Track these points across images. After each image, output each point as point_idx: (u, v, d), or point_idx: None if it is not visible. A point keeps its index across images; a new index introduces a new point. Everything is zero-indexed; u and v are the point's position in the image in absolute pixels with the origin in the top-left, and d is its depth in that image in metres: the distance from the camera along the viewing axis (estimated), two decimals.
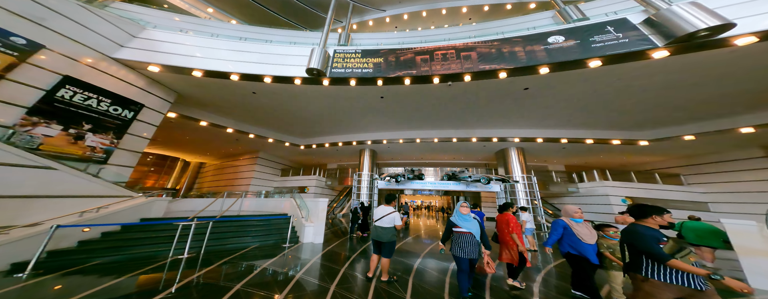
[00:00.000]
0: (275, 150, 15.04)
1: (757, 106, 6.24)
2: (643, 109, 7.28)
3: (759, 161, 8.46)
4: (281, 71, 6.87)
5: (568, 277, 3.59)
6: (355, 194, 12.76)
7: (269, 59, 7.00)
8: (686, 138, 8.13)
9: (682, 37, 4.12)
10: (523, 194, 11.23)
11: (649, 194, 10.50)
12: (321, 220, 6.38)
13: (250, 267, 3.95)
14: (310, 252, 5.09)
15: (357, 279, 3.51)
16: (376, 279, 3.43)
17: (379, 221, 3.39)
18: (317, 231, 6.20)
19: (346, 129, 12.21)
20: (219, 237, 5.35)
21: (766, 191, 8.23)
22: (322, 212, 6.51)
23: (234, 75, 6.88)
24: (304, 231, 6.15)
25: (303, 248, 5.41)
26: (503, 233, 3.43)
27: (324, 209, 6.65)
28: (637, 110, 7.38)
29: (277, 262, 4.26)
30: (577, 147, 10.88)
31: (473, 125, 10.65)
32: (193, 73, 6.79)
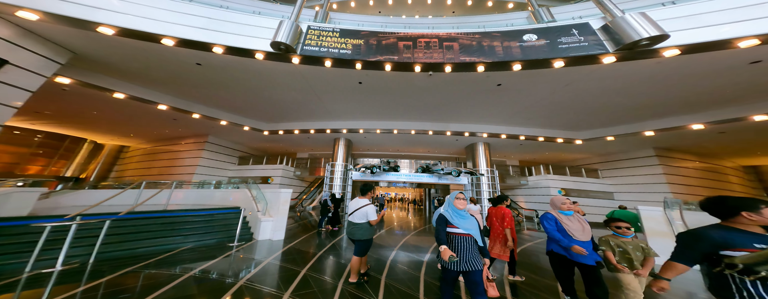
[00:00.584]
0: (231, 135, 12.93)
1: (662, 114, 8.16)
2: (581, 112, 8.73)
3: (651, 159, 11.23)
4: (238, 42, 5.79)
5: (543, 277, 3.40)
6: (327, 185, 11.98)
7: (222, 27, 5.82)
8: (608, 139, 10.14)
9: (628, 44, 4.94)
10: (487, 186, 12.38)
11: (576, 186, 12.84)
12: (282, 214, 5.71)
13: (170, 275, 3.13)
14: (266, 250, 4.43)
15: (320, 282, 3.04)
16: (343, 280, 3.06)
17: (352, 216, 2.99)
18: (277, 227, 5.51)
19: (320, 115, 11.28)
20: (127, 239, 4.18)
21: (654, 183, 11.01)
22: (284, 205, 5.83)
23: (167, 39, 5.48)
24: (259, 226, 5.39)
25: (257, 246, 4.70)
26: (496, 228, 3.28)
27: (287, 201, 5.97)
28: (577, 112, 8.82)
29: (216, 266, 3.51)
30: (531, 144, 12.49)
31: (449, 118, 11.11)
32: (100, 29, 5.13)
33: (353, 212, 3.01)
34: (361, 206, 3.01)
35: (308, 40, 6.40)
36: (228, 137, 13.32)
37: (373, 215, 2.97)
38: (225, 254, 4.12)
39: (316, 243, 5.21)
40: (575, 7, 8.72)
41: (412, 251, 4.74)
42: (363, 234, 2.92)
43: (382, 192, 21.15)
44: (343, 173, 12.35)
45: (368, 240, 2.97)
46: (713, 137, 8.93)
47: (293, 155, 16.79)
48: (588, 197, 12.63)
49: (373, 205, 3.07)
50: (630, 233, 2.19)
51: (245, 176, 13.22)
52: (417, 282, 3.14)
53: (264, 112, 10.84)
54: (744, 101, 6.71)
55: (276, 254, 4.24)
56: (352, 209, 3.03)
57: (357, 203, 3.05)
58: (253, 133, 12.31)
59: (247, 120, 11.63)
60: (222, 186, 8.68)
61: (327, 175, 12.13)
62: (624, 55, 5.28)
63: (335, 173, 12.22)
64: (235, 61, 6.54)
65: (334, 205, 7.35)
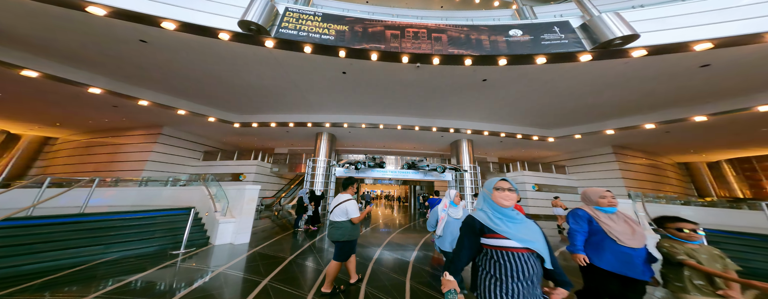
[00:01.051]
0: (192, 126, 11.34)
1: (622, 113, 9.05)
2: (556, 110, 9.33)
3: (609, 156, 12.53)
4: (197, 18, 4.96)
5: None
6: (307, 182, 11.14)
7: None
8: (576, 137, 11.03)
9: (603, 43, 5.25)
10: (470, 182, 12.68)
11: (548, 181, 13.84)
12: (247, 213, 5.04)
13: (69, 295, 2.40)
14: (223, 257, 3.80)
15: (284, 294, 2.54)
16: (314, 291, 2.63)
17: (332, 214, 2.64)
18: (241, 228, 4.84)
19: (300, 107, 10.42)
20: (11, 253, 3.13)
21: (612, 178, 12.30)
22: (249, 204, 5.16)
23: (96, 7, 4.46)
24: (218, 229, 4.69)
25: (212, 253, 4.02)
26: None
27: (253, 198, 5.31)
28: (553, 111, 9.41)
29: (141, 281, 2.82)
30: (510, 141, 13.09)
31: (435, 114, 11.09)
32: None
33: (333, 209, 2.62)
34: (340, 202, 2.62)
35: (285, 23, 5.82)
36: (190, 129, 11.65)
37: (354, 211, 2.54)
38: (162, 264, 3.38)
39: (289, 245, 4.61)
40: (556, 7, 9.22)
41: (397, 250, 4.45)
42: (343, 234, 2.50)
43: (367, 189, 20.66)
44: (326, 170, 11.61)
45: (350, 242, 2.56)
46: (660, 136, 10.22)
47: (270, 151, 15.44)
48: (558, 192, 13.65)
49: (354, 201, 2.67)
50: (699, 237, 1.53)
51: (212, 172, 11.70)
52: (402, 289, 2.78)
53: (234, 102, 9.63)
54: (691, 103, 7.70)
55: (235, 261, 3.63)
56: (333, 205, 2.68)
57: (337, 199, 2.69)
58: (222, 125, 10.93)
59: (213, 111, 10.26)
60: (179, 184, 7.41)
61: (308, 171, 11.30)
62: (599, 54, 5.60)
63: (317, 169, 11.43)
64: (193, 42, 5.57)
65: (315, 203, 6.75)
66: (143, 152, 10.73)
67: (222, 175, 11.53)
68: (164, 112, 9.33)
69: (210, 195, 5.31)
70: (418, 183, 19.07)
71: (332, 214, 2.62)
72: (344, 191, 2.77)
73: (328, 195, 11.31)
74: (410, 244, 4.98)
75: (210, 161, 12.32)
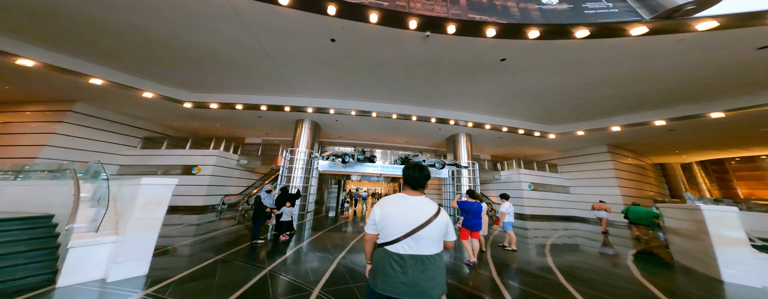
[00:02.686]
0: (124, 105, 8.70)
1: (635, 108, 8.52)
2: (565, 103, 8.56)
3: (603, 155, 12.37)
4: None
5: None
6: (283, 177, 9.18)
7: None
8: (578, 133, 10.53)
9: (670, 9, 4.27)
10: (467, 180, 11.69)
11: (543, 180, 13.44)
12: (144, 226, 3.03)
13: None
14: None
15: None
16: None
17: (415, 240, 1.21)
18: (131, 252, 2.88)
19: (276, 87, 8.43)
20: None
21: (605, 177, 12.16)
22: (147, 210, 3.12)
23: None
24: (79, 254, 2.65)
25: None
26: None
27: (159, 201, 3.26)
28: (562, 103, 8.64)
29: None
30: (509, 137, 12.34)
31: (435, 103, 9.79)
32: None
33: (417, 229, 1.21)
34: (431, 217, 1.24)
35: None
36: (120, 108, 8.91)
37: (452, 233, 1.31)
38: None
39: (235, 278, 2.81)
40: None
41: None
42: (442, 282, 1.21)
43: (353, 187, 18.88)
44: (307, 163, 9.73)
45: None
46: (660, 134, 10.04)
47: (240, 141, 12.99)
48: (551, 192, 13.31)
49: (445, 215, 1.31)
50: None
51: (153, 164, 9.12)
52: None
53: (181, 73, 7.33)
54: (713, 97, 7.20)
55: None
56: (407, 219, 1.24)
57: (411, 206, 1.28)
58: (168, 105, 8.45)
59: (150, 83, 7.77)
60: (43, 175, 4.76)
61: (284, 164, 9.32)
62: (655, 27, 4.62)
63: (296, 161, 9.51)
64: None
65: (288, 201, 5.00)
66: (40, 135, 7.80)
67: (167, 167, 9.05)
68: (68, 81, 6.68)
69: (75, 194, 2.95)
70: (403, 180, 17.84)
71: (418, 238, 1.20)
72: (414, 191, 1.36)
73: (309, 194, 9.47)
74: None
75: (153, 149, 9.67)
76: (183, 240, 4.54)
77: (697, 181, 15.22)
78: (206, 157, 9.52)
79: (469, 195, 4.22)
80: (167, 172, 8.93)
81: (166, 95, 7.92)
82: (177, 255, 3.68)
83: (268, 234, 5.18)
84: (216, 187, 9.72)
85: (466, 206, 3.98)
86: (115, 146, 9.07)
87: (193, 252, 3.79)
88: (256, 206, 4.47)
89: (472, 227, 3.89)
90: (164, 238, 4.55)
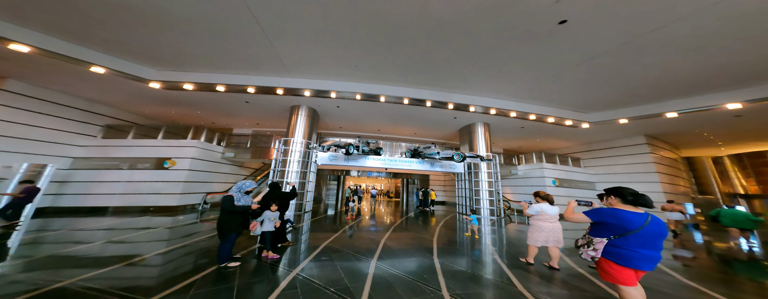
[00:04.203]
0: (76, 84, 7.00)
1: (700, 89, 7.06)
2: (619, 82, 7.09)
3: (640, 147, 11.01)
4: None
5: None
6: (275, 171, 7.72)
7: None
8: (620, 122, 9.10)
9: None
10: (486, 175, 10.32)
11: (568, 175, 12.12)
12: None
13: None
14: None
15: None
16: None
17: None
18: None
19: (266, 63, 6.89)
20: None
21: (643, 172, 10.83)
22: None
23: None
24: None
25: None
26: None
27: None
28: (611, 84, 7.19)
29: None
30: (533, 127, 10.92)
31: (456, 85, 8.28)
32: None
33: None
34: None
35: None
36: (72, 88, 7.22)
37: None
38: None
39: None
40: None
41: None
42: None
43: (352, 183, 17.48)
44: (303, 155, 8.25)
45: None
46: (720, 121, 8.56)
47: (227, 131, 11.41)
48: (575, 188, 12.03)
49: None
50: None
51: (116, 157, 7.55)
52: None
53: (142, 43, 5.65)
54: None
55: None
56: None
57: None
58: (132, 86, 6.81)
59: (102, 55, 6.07)
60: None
61: (277, 156, 7.83)
62: None
63: (291, 153, 8.01)
64: None
65: (280, 206, 3.55)
66: None
67: (134, 160, 7.51)
68: None
69: None
70: (409, 176, 16.50)
71: None
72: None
73: (306, 191, 8.03)
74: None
75: (115, 138, 8.05)
76: (123, 254, 3.09)
77: (729, 175, 14.04)
78: (183, 148, 7.96)
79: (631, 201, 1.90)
80: (133, 166, 7.39)
81: (125, 71, 6.26)
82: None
83: (256, 248, 3.74)
84: (196, 184, 8.23)
85: (624, 221, 1.84)
86: (68, 135, 7.44)
87: (103, 287, 2.33)
88: (223, 214, 2.96)
89: (641, 262, 1.78)
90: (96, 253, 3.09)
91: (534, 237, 3.40)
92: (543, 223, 3.34)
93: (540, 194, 3.55)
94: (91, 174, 7.10)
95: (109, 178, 7.09)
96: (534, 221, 3.48)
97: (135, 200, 6.91)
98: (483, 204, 9.88)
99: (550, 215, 3.35)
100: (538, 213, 3.41)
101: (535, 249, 3.45)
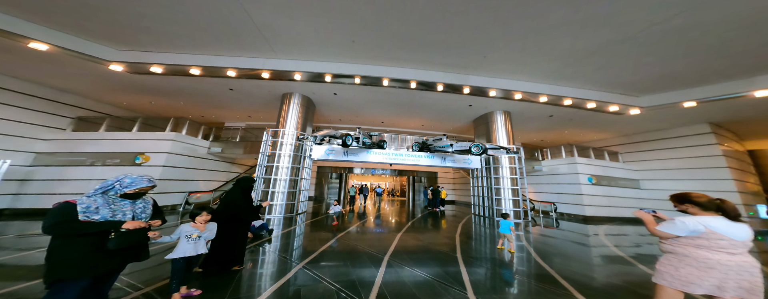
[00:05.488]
0: (31, 68, 6.08)
1: None
2: (695, 53, 5.36)
3: (703, 137, 9.01)
4: None
5: None
6: (262, 167, 6.64)
7: None
8: (686, 105, 7.27)
9: None
10: (509, 171, 8.79)
11: (606, 172, 10.32)
12: None
13: None
14: None
15: None
16: None
17: None
18: None
19: (243, 39, 5.71)
20: None
21: (707, 167, 8.86)
22: None
23: None
24: None
25: None
26: None
27: None
28: (685, 55, 5.48)
29: None
30: (563, 115, 9.24)
31: (473, 65, 6.87)
32: None
33: None
34: None
35: None
36: (33, 74, 6.36)
37: None
38: None
39: None
40: None
41: None
42: None
43: (356, 181, 16.34)
44: (296, 148, 7.12)
45: None
46: None
47: (218, 125, 10.52)
48: (616, 186, 10.22)
49: None
50: None
51: (84, 152, 6.71)
52: None
53: (96, 14, 4.55)
54: None
55: None
56: None
57: None
58: (92, 68, 5.85)
59: (42, 29, 5.03)
60: None
61: (263, 149, 6.74)
62: None
63: (282, 146, 6.92)
64: None
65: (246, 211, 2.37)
66: None
67: (103, 156, 6.65)
68: None
69: None
70: (416, 173, 15.08)
71: None
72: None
73: (299, 189, 6.90)
74: None
75: (88, 131, 7.22)
76: None
77: None
78: (158, 142, 7.03)
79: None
80: (103, 163, 6.53)
81: (76, 49, 5.25)
82: None
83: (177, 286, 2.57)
84: (175, 182, 7.32)
85: None
86: (31, 127, 6.68)
87: None
88: (50, 229, 1.33)
89: None
90: None
91: (685, 277, 1.50)
92: (714, 254, 1.42)
93: (696, 198, 1.67)
94: (55, 171, 6.32)
95: (75, 175, 6.28)
96: (684, 249, 1.51)
97: None
98: (505, 205, 8.40)
99: (733, 241, 1.51)
100: (700, 235, 1.49)
101: (677, 295, 1.54)
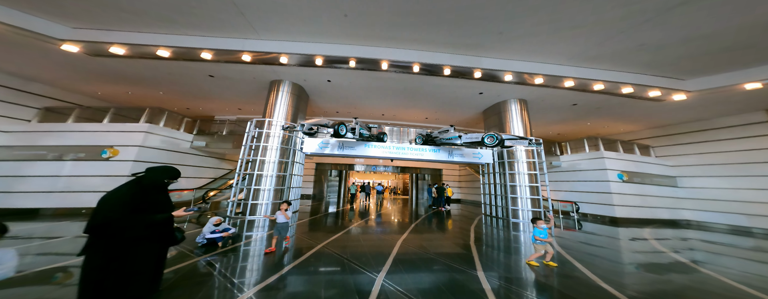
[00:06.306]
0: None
1: None
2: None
3: (757, 128, 7.66)
4: None
5: None
6: (243, 161, 5.82)
7: None
8: (747, 87, 6.01)
9: None
10: (526, 166, 7.73)
11: (638, 168, 9.09)
12: None
13: None
14: None
15: None
16: None
17: None
18: None
19: (215, 13, 4.82)
20: None
21: (757, 162, 7.52)
22: None
23: None
24: None
25: None
26: None
27: None
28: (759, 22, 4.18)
29: None
30: (589, 103, 8.07)
31: (486, 45, 5.85)
32: None
33: None
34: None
35: None
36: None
37: None
38: None
39: None
40: None
41: None
42: None
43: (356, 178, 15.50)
44: (285, 140, 6.28)
45: None
46: None
47: (207, 118, 9.82)
48: (650, 184, 9.01)
49: None
50: None
51: (47, 146, 6.03)
52: None
53: None
54: None
55: None
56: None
57: None
58: (44, 48, 5.10)
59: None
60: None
61: (246, 142, 5.92)
62: None
63: (269, 138, 6.09)
64: None
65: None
66: None
67: (66, 149, 5.97)
68: None
69: None
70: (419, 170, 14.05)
71: None
72: None
73: (289, 186, 6.06)
74: None
75: (55, 122, 6.54)
76: None
77: None
78: (129, 134, 6.29)
79: None
80: (63, 156, 5.84)
81: (20, 25, 4.48)
82: None
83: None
84: None
85: None
86: None
87: None
88: None
89: None
90: None
91: None
92: None
93: None
94: (13, 167, 5.68)
95: (35, 172, 5.64)
96: None
97: (66, 201, 5.38)
98: (521, 205, 7.38)
99: None
100: None
101: None
